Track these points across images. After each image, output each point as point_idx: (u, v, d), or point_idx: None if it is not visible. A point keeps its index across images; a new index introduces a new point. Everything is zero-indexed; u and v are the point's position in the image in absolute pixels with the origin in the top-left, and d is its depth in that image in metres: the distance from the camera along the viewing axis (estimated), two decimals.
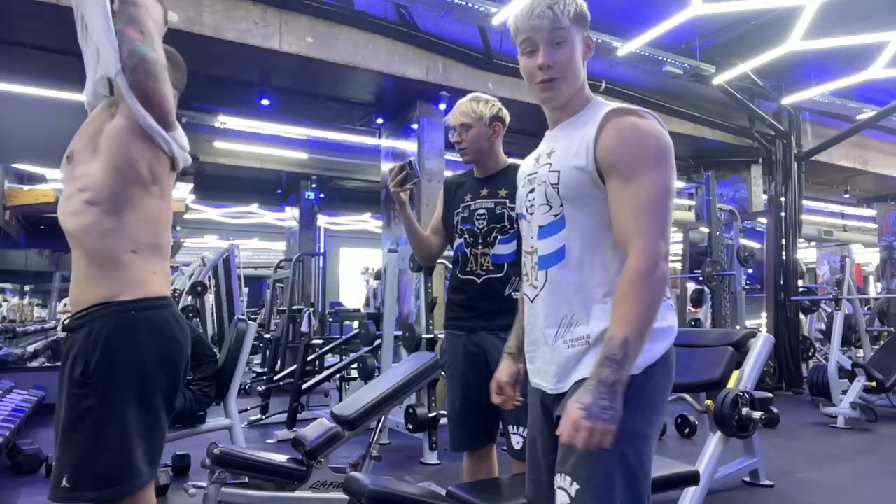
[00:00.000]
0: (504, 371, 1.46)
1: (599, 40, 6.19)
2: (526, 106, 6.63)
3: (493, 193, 2.15)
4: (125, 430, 1.38)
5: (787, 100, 7.47)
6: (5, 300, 16.16)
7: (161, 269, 1.51)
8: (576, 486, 1.10)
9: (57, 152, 1.45)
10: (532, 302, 1.25)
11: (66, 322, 1.50)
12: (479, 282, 2.10)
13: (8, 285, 16.93)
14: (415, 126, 6.41)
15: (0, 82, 6.00)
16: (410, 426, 3.86)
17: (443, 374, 2.31)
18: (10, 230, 8.86)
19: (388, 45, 5.63)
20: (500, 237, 2.09)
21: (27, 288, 17.72)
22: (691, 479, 2.08)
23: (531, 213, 1.25)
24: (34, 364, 8.41)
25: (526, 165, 1.33)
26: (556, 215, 1.18)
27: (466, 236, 2.15)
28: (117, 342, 1.39)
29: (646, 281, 1.06)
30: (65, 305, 10.82)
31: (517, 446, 2.00)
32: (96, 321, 1.41)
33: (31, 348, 8.98)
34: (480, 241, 2.11)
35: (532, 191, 1.24)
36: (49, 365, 9.04)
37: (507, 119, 2.18)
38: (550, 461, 1.21)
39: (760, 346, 3.15)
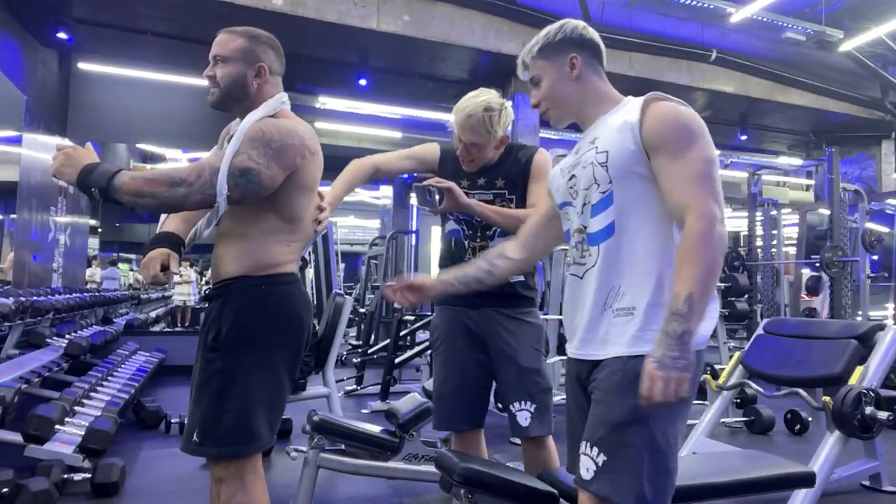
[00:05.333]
0: (420, 279, 1.55)
1: (712, 6, 5.77)
2: (626, 79, 6.34)
3: (490, 184, 1.99)
4: (249, 394, 1.49)
5: None
6: (132, 270, 17.76)
7: (291, 249, 1.59)
8: (603, 458, 1.18)
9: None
10: (582, 278, 1.34)
11: (205, 291, 1.62)
12: None
13: (133, 256, 18.63)
14: (508, 103, 6.29)
15: (123, 68, 6.52)
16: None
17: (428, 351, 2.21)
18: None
19: (483, 20, 5.55)
20: (499, 230, 1.96)
21: None
22: (806, 480, 1.93)
23: (574, 198, 1.36)
24: (156, 329, 9.24)
25: (564, 163, 1.43)
26: (603, 192, 1.28)
27: (464, 227, 2.01)
28: (247, 313, 1.50)
29: (706, 241, 1.14)
30: (180, 276, 11.74)
31: (525, 423, 1.88)
32: (231, 293, 1.52)
33: (153, 314, 9.87)
34: (479, 234, 1.99)
35: (572, 177, 1.35)
36: (168, 330, 9.90)
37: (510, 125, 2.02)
38: None
39: (891, 341, 2.85)
